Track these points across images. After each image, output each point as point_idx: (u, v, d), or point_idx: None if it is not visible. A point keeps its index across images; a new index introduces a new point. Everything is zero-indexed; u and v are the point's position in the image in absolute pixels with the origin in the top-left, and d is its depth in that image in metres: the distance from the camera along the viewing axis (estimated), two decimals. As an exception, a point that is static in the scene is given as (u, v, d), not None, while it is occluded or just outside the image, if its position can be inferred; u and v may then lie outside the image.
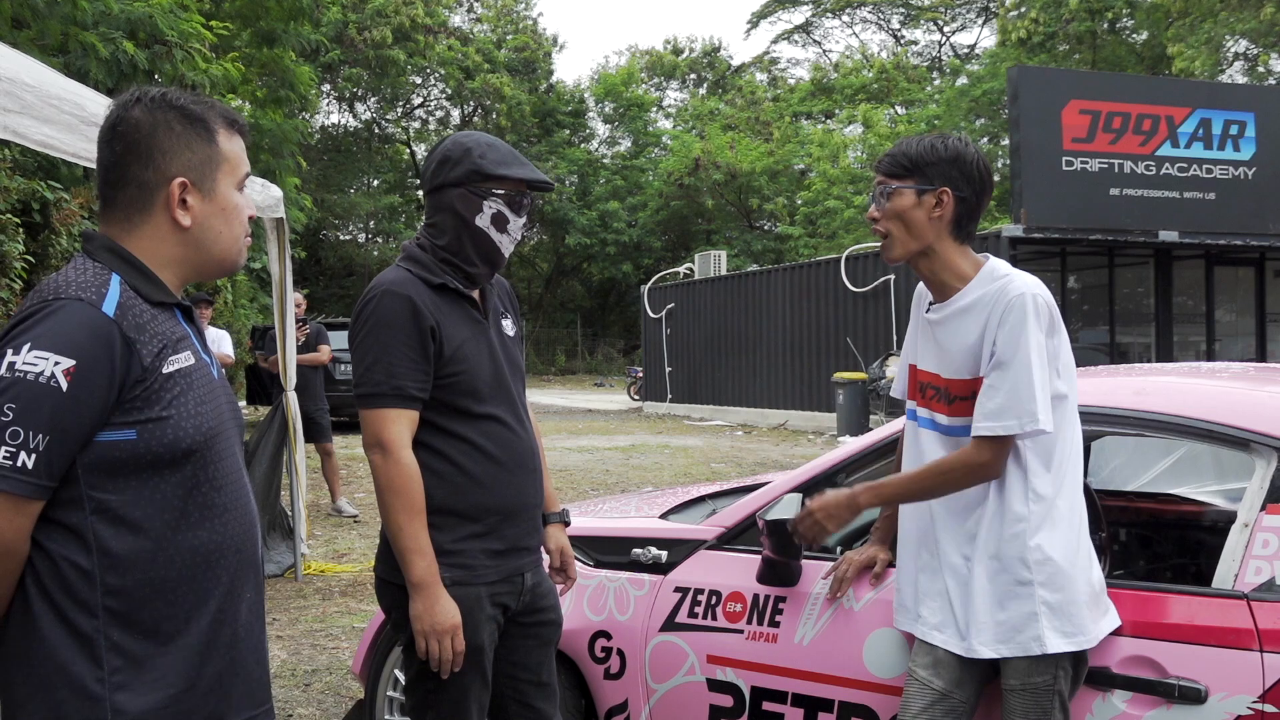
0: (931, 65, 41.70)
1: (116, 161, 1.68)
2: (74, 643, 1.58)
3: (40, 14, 8.14)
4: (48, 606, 1.58)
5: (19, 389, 1.52)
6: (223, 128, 1.74)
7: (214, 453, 1.68)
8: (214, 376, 1.75)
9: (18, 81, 3.56)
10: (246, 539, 1.74)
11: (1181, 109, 15.06)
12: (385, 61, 34.51)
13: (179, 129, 1.69)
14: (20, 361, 1.52)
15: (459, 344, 2.35)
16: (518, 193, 2.41)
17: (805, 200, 32.84)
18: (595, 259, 38.16)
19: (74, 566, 1.58)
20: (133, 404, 1.58)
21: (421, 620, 2.27)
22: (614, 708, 3.07)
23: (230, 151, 1.75)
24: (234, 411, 1.79)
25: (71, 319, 1.55)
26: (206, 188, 1.71)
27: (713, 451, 14.12)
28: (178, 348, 1.65)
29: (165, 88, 1.75)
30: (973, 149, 2.40)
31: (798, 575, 2.78)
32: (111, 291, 1.60)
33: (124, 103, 1.71)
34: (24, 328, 1.55)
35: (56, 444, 1.53)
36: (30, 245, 8.68)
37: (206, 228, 1.71)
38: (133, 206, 1.68)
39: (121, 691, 1.58)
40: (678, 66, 45.32)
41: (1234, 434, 2.41)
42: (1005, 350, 2.23)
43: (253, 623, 1.76)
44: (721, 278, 21.25)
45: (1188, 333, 16.40)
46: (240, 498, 1.74)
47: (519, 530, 2.44)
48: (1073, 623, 2.23)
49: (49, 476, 1.54)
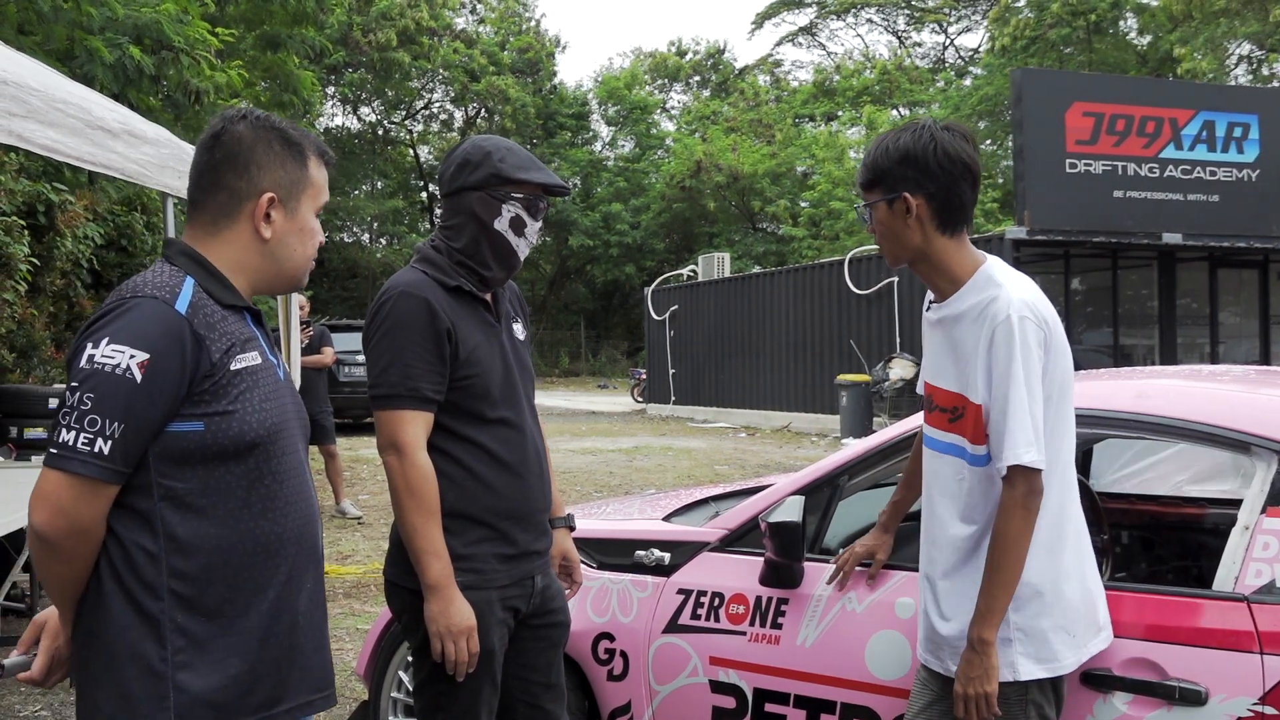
0: (935, 67, 41.70)
1: (214, 167, 1.80)
2: (141, 623, 1.67)
3: (45, 19, 8.17)
4: (118, 587, 1.68)
5: (97, 380, 1.62)
6: (314, 156, 1.88)
7: (277, 447, 1.77)
8: (280, 377, 1.84)
9: (24, 86, 3.58)
10: (307, 531, 1.83)
11: (1185, 111, 15.06)
12: (390, 64, 34.57)
13: (277, 148, 1.82)
14: (99, 354, 1.63)
15: (473, 347, 2.36)
16: (535, 197, 2.42)
17: (810, 201, 32.84)
18: (598, 261, 38.17)
19: (142, 550, 1.68)
20: (201, 397, 1.68)
21: (437, 622, 2.26)
22: (617, 709, 3.08)
23: (318, 179, 1.88)
24: (299, 411, 1.88)
25: (146, 315, 1.66)
26: (291, 206, 1.83)
27: (716, 453, 14.12)
28: (246, 347, 1.75)
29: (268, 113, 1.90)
30: (925, 139, 2.23)
31: (800, 577, 2.79)
32: (185, 292, 1.71)
33: (230, 117, 1.84)
34: (103, 323, 1.66)
35: (131, 432, 1.63)
36: (35, 247, 8.71)
37: (283, 243, 1.83)
38: (220, 212, 1.80)
39: (184, 671, 1.67)
40: (681, 68, 45.34)
41: (1234, 437, 2.42)
42: (999, 385, 2.15)
43: (313, 611, 1.83)
44: (725, 279, 21.25)
45: (1191, 335, 16.38)
46: (302, 491, 1.83)
47: (529, 534, 2.45)
48: (1048, 648, 2.20)
49: (124, 463, 1.64)
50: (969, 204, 2.28)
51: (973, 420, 2.22)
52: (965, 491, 2.25)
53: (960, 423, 2.25)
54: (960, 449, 2.26)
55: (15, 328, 8.77)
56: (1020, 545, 2.15)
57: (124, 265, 10.86)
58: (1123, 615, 2.35)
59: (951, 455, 2.28)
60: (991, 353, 2.15)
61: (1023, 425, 2.12)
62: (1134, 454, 3.48)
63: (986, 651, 2.15)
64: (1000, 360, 2.14)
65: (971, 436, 2.23)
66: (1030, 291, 2.22)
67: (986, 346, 2.16)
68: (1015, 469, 2.13)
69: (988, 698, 2.16)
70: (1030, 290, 2.22)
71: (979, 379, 2.19)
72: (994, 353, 2.15)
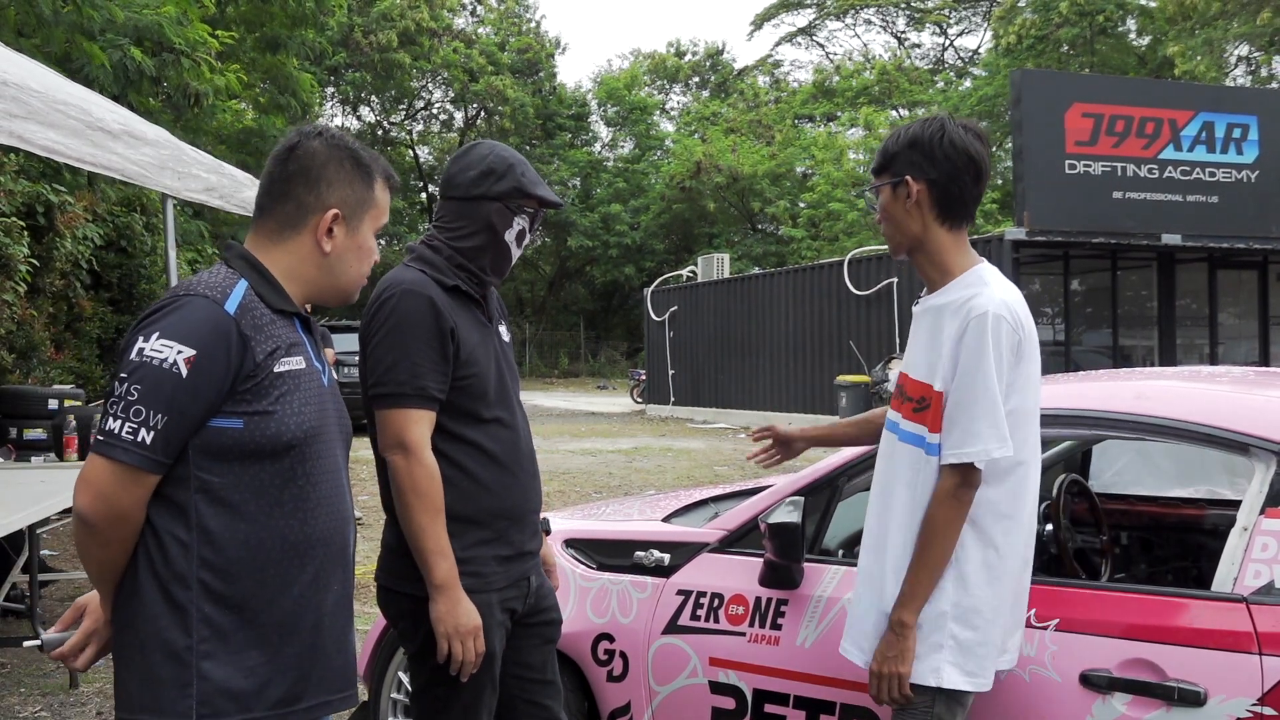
0: (934, 68, 41.71)
1: (286, 178, 1.87)
2: (170, 611, 1.73)
3: (46, 22, 8.16)
4: (151, 576, 1.74)
5: (144, 372, 1.69)
6: (381, 179, 1.95)
7: (313, 450, 1.82)
8: (324, 383, 1.88)
9: (25, 87, 3.58)
10: (337, 534, 1.87)
11: (1184, 112, 15.06)
12: (390, 65, 34.57)
13: (348, 168, 1.89)
14: (149, 348, 1.69)
15: (472, 347, 2.36)
16: (538, 211, 2.48)
17: (809, 202, 32.86)
18: (598, 261, 38.18)
19: (175, 540, 1.73)
20: (243, 396, 1.73)
21: (445, 622, 2.25)
22: (617, 710, 3.08)
23: (381, 201, 1.95)
24: (340, 418, 1.93)
25: (196, 313, 1.72)
26: (353, 224, 1.90)
27: (715, 454, 14.12)
28: (290, 351, 1.80)
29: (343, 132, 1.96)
30: (934, 128, 2.29)
31: (800, 578, 2.79)
32: (236, 293, 1.77)
33: (306, 133, 1.91)
34: (155, 318, 1.73)
35: (174, 424, 1.69)
36: (35, 248, 8.70)
37: (342, 259, 1.90)
38: (286, 221, 1.87)
39: (207, 660, 1.72)
40: (680, 69, 45.35)
41: (1233, 438, 2.42)
42: (964, 376, 2.17)
43: (338, 614, 1.87)
44: (724, 280, 21.25)
45: (1191, 336, 16.38)
46: (335, 495, 1.87)
47: (524, 535, 2.45)
48: (978, 663, 2.21)
49: (165, 454, 1.70)
50: (970, 198, 2.32)
51: (934, 410, 2.24)
52: (920, 481, 2.27)
53: (924, 413, 2.26)
54: (920, 438, 2.27)
55: (15, 328, 8.76)
56: (949, 534, 2.19)
57: (123, 266, 10.85)
58: (1122, 616, 2.35)
59: (911, 444, 2.29)
60: (962, 343, 2.19)
61: (974, 419, 2.16)
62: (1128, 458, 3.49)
63: (904, 634, 2.22)
64: (970, 353, 2.18)
65: (931, 426, 2.25)
66: (1013, 296, 2.26)
67: (957, 337, 2.20)
68: (949, 468, 2.17)
69: (900, 678, 2.21)
70: (1013, 295, 2.27)
71: (945, 367, 2.22)
72: (964, 344, 2.18)
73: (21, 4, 7.99)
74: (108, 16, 8.68)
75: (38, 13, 8.00)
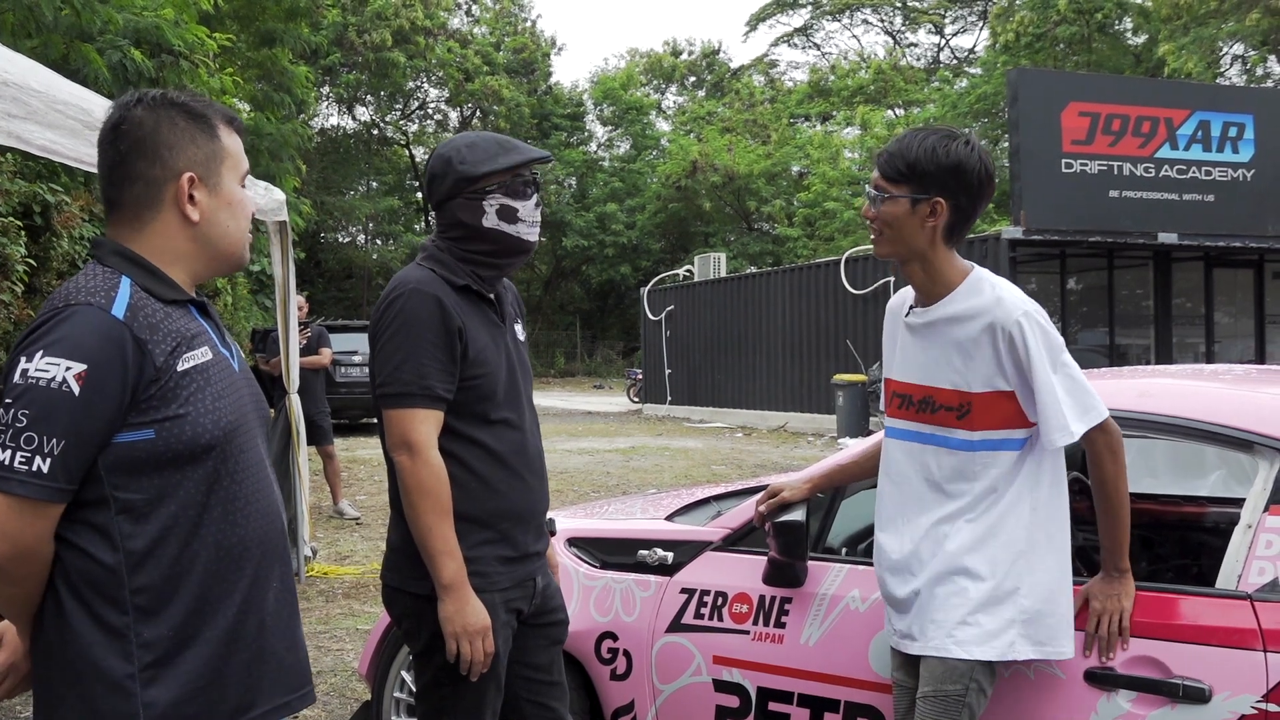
0: (930, 68, 41.74)
1: (121, 160, 1.69)
2: (106, 638, 1.60)
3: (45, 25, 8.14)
4: (78, 604, 1.60)
5: (32, 395, 1.53)
6: (223, 124, 1.76)
7: (234, 446, 1.69)
8: (234, 369, 1.75)
9: (25, 87, 3.57)
10: (271, 529, 1.75)
11: (1180, 111, 15.08)
12: (385, 64, 34.52)
13: (183, 125, 1.70)
14: (33, 368, 1.54)
15: (481, 347, 2.35)
16: (514, 179, 2.37)
17: (804, 202, 32.88)
18: (594, 261, 38.16)
19: (101, 565, 1.60)
20: (148, 404, 1.59)
21: (453, 622, 2.25)
22: (620, 708, 3.08)
23: (232, 147, 1.76)
24: (256, 402, 1.80)
25: (82, 324, 1.56)
26: (212, 182, 1.72)
27: (713, 454, 14.13)
28: (193, 344, 1.66)
29: (163, 89, 1.77)
30: (976, 153, 2.31)
31: (803, 576, 2.79)
32: (121, 294, 1.61)
33: (125, 103, 1.71)
34: (36, 335, 1.57)
35: (73, 447, 1.54)
36: (32, 248, 8.68)
37: (214, 222, 1.73)
38: (140, 204, 1.69)
39: (152, 685, 1.61)
40: (676, 69, 45.35)
41: (1237, 435, 2.43)
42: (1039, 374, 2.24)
43: (281, 610, 1.76)
44: (721, 280, 21.26)
45: (1187, 335, 16.41)
46: (263, 489, 1.75)
47: (529, 536, 2.45)
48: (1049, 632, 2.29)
49: (67, 480, 1.56)
50: (975, 221, 2.40)
51: (980, 411, 2.30)
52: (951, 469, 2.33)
53: (968, 418, 2.31)
54: (944, 439, 2.34)
55: (12, 329, 8.73)
56: (1120, 484, 2.32)
57: (120, 266, 10.81)
58: (1127, 613, 2.37)
59: (934, 445, 2.36)
60: (1016, 351, 2.26)
61: (1076, 392, 2.25)
62: None
63: (1125, 578, 2.33)
64: (1033, 354, 2.24)
65: (976, 425, 2.30)
66: (1025, 298, 2.35)
67: (1008, 346, 2.26)
68: (1087, 432, 2.26)
69: (1124, 611, 2.31)
70: (1024, 296, 2.35)
71: (985, 370, 2.29)
72: (1025, 345, 2.25)
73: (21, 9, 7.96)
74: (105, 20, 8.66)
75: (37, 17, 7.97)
